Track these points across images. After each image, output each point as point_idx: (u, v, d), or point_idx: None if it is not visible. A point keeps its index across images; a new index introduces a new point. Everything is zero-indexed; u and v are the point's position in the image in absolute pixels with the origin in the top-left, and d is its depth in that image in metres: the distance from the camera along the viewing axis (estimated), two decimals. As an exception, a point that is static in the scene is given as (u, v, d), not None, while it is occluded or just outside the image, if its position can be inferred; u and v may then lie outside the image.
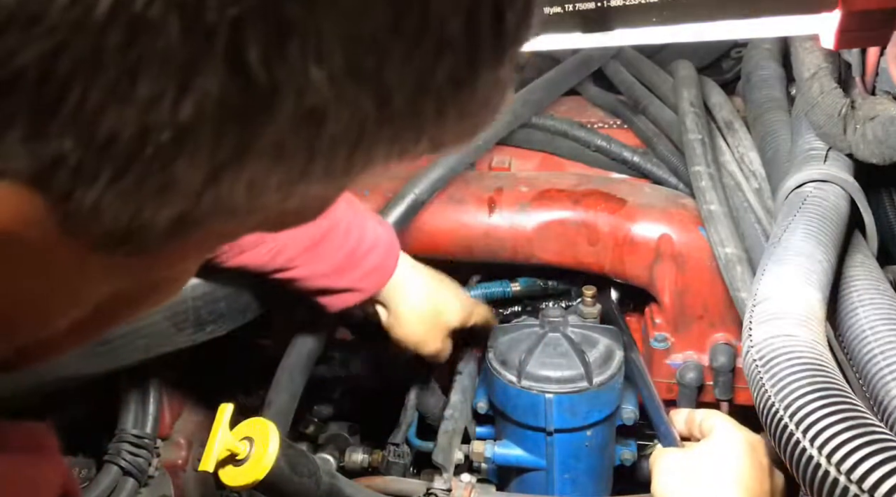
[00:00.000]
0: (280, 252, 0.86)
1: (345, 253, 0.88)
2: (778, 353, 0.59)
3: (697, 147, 1.04)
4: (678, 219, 1.02)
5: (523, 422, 0.94)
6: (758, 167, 1.03)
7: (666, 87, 1.22)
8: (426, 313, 0.96)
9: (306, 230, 0.85)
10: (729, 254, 0.92)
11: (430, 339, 0.97)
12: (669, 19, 0.66)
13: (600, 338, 0.97)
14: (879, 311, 0.70)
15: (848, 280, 0.75)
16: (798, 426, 0.53)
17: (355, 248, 0.89)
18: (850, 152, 0.85)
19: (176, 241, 0.25)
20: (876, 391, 0.64)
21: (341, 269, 0.89)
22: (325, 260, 0.88)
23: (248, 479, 0.71)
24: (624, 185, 1.12)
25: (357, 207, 0.92)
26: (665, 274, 1.02)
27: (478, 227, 1.07)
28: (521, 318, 1.06)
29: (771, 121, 1.03)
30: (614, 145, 1.19)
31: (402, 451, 1.03)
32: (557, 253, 1.07)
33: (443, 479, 0.93)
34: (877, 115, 0.81)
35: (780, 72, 1.13)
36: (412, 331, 0.96)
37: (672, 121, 1.15)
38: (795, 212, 0.78)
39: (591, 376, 0.92)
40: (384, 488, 0.94)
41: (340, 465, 1.05)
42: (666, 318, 1.05)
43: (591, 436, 0.95)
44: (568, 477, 0.96)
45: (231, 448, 0.71)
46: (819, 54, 0.92)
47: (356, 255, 0.89)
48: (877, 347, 0.66)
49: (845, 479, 0.49)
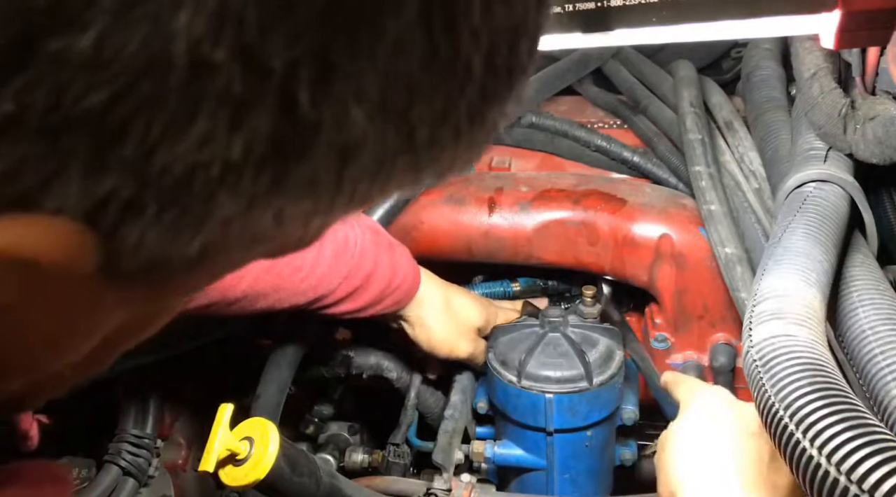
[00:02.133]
0: (321, 297, 0.89)
1: (377, 291, 0.92)
2: (778, 354, 0.59)
3: (697, 147, 1.04)
4: (678, 219, 1.02)
5: (523, 422, 0.94)
6: (758, 167, 1.03)
7: (666, 87, 1.22)
8: (449, 318, 0.99)
9: (350, 281, 0.90)
10: (729, 254, 0.92)
11: (461, 342, 1.00)
12: (669, 19, 0.66)
13: (600, 338, 0.96)
14: (879, 311, 0.70)
15: (848, 280, 0.75)
16: (798, 426, 0.53)
17: (386, 286, 0.93)
18: (850, 152, 0.85)
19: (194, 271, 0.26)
20: (876, 391, 0.64)
21: (374, 304, 0.93)
22: (359, 301, 0.92)
23: (249, 479, 0.71)
24: (624, 185, 1.12)
25: (382, 238, 0.95)
26: (665, 274, 1.02)
27: (478, 227, 1.07)
28: (522, 317, 1.06)
29: (771, 121, 1.03)
30: (614, 145, 1.19)
31: (402, 451, 1.03)
32: (557, 253, 1.07)
33: (443, 479, 0.93)
34: (877, 115, 0.81)
35: (780, 72, 1.13)
36: (442, 338, 0.99)
37: (672, 121, 1.15)
38: (795, 212, 0.78)
39: (592, 376, 0.91)
40: (384, 488, 0.94)
41: (340, 465, 1.05)
42: (666, 318, 1.05)
43: (591, 436, 0.95)
44: (568, 477, 0.96)
45: (231, 448, 0.71)
46: (819, 54, 0.92)
47: (386, 290, 0.93)
48: (877, 347, 0.66)
49: (845, 479, 0.49)
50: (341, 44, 0.21)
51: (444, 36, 0.23)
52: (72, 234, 0.21)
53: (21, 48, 0.18)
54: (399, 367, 1.07)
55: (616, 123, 1.29)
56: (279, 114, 0.21)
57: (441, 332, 0.99)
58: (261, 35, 0.20)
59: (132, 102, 0.19)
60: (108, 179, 0.20)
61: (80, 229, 0.21)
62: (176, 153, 0.20)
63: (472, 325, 1.01)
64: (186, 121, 0.20)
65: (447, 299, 1.00)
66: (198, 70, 0.19)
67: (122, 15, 0.18)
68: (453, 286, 1.03)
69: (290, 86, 0.21)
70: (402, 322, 0.99)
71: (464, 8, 0.23)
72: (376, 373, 1.07)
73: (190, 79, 0.19)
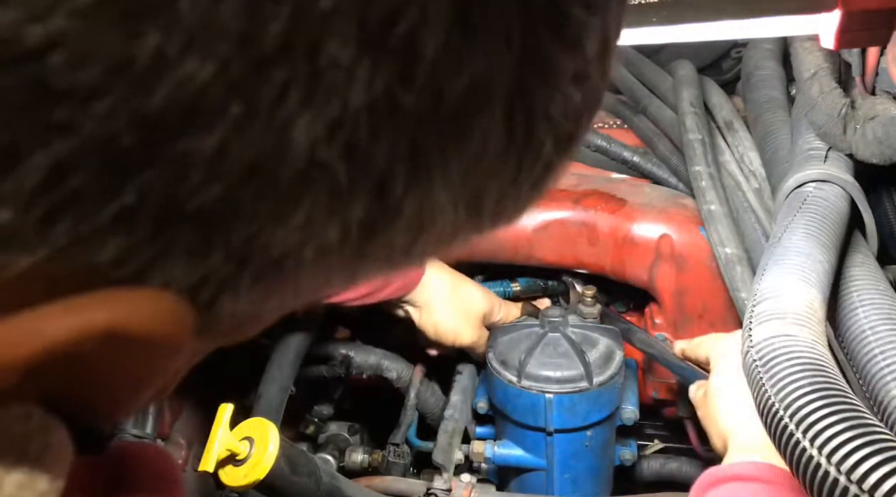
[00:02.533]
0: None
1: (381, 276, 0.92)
2: (778, 354, 0.59)
3: (697, 147, 1.04)
4: (678, 219, 1.02)
5: (523, 422, 0.94)
6: (758, 167, 1.03)
7: (666, 87, 1.22)
8: (455, 304, 1.00)
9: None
10: (729, 254, 0.92)
11: (466, 329, 1.01)
12: (669, 19, 0.66)
13: (600, 338, 0.96)
14: (879, 311, 0.70)
15: (848, 280, 0.75)
16: (798, 426, 0.53)
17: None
18: (850, 152, 0.85)
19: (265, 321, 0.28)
20: (876, 391, 0.64)
21: (379, 290, 0.94)
22: (363, 287, 0.92)
23: (249, 479, 0.71)
24: (624, 185, 1.12)
25: None
26: (665, 274, 1.02)
27: (478, 227, 1.07)
28: (522, 317, 1.06)
29: (771, 121, 1.03)
30: (614, 145, 1.19)
31: (402, 451, 1.03)
32: (557, 253, 1.07)
33: (443, 479, 0.93)
34: (877, 115, 0.81)
35: (780, 72, 1.13)
36: (447, 325, 1.00)
37: (672, 121, 1.15)
38: (795, 212, 0.78)
39: (592, 376, 0.91)
40: (384, 488, 0.94)
41: (340, 465, 1.05)
42: (666, 318, 1.05)
43: (591, 436, 0.95)
44: (568, 477, 0.96)
45: (231, 448, 0.71)
46: (819, 54, 0.92)
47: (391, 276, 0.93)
48: (877, 347, 0.66)
49: (845, 479, 0.49)
50: (435, 141, 0.22)
51: (523, 129, 0.24)
52: (172, 307, 0.22)
53: (151, 147, 0.19)
54: (399, 367, 1.07)
55: (616, 123, 1.29)
56: (374, 202, 0.22)
57: (447, 318, 1.00)
58: (371, 137, 0.21)
59: (243, 196, 0.20)
60: (212, 260, 0.22)
61: (181, 303, 0.22)
62: (276, 238, 0.22)
63: (478, 313, 1.02)
64: (290, 210, 0.21)
65: (454, 286, 1.01)
66: (309, 168, 0.21)
67: (248, 121, 0.19)
68: (459, 274, 1.04)
69: (387, 178, 0.22)
70: (410, 307, 1.00)
71: (545, 102, 0.24)
72: (376, 373, 1.07)
73: (301, 176, 0.21)
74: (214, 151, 0.19)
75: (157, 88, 0.18)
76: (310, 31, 0.19)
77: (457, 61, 0.21)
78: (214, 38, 0.18)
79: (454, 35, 0.21)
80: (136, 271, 0.21)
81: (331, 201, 0.22)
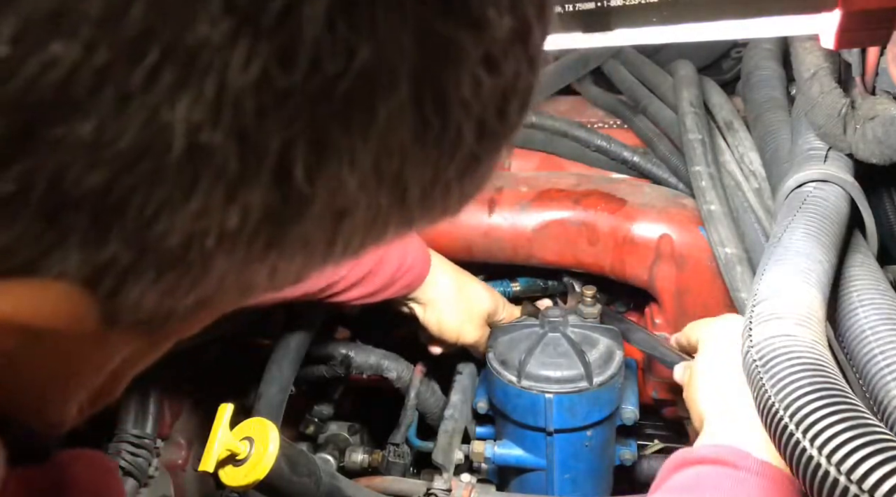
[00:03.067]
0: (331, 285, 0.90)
1: (388, 275, 0.93)
2: (778, 354, 0.59)
3: (697, 147, 1.04)
4: (678, 219, 1.02)
5: (523, 422, 0.94)
6: (758, 167, 1.03)
7: (666, 87, 1.22)
8: (460, 302, 1.00)
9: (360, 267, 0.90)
10: (729, 254, 0.92)
11: (469, 328, 1.01)
12: (669, 19, 0.66)
13: (600, 338, 0.97)
14: (879, 311, 0.70)
15: (848, 280, 0.75)
16: (798, 426, 0.53)
17: (396, 270, 0.93)
18: (850, 152, 0.85)
19: (190, 318, 0.27)
20: (876, 391, 0.64)
21: (384, 289, 0.93)
22: (369, 286, 0.92)
23: (249, 479, 0.71)
24: (624, 185, 1.12)
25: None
26: (665, 274, 1.02)
27: (478, 227, 1.07)
28: (522, 317, 1.06)
29: (771, 121, 1.03)
30: (614, 145, 1.19)
31: (402, 451, 1.03)
32: (557, 253, 1.07)
33: (443, 479, 0.93)
34: (877, 115, 0.81)
35: (780, 72, 1.13)
36: (451, 323, 1.00)
37: (672, 121, 1.15)
38: (795, 211, 0.78)
39: (591, 376, 0.91)
40: (384, 488, 0.94)
41: (340, 465, 1.05)
42: (666, 318, 1.05)
43: (591, 436, 0.95)
44: (568, 477, 0.96)
45: (231, 448, 0.71)
46: (819, 54, 0.91)
47: (396, 274, 0.93)
48: (877, 347, 0.66)
49: (845, 479, 0.49)
50: (334, 125, 0.22)
51: (434, 111, 0.24)
52: (71, 297, 0.22)
53: (24, 135, 0.19)
54: (399, 367, 1.07)
55: (616, 123, 1.29)
56: (273, 188, 0.22)
57: (452, 315, 1.00)
58: (258, 119, 0.20)
59: (130, 182, 0.20)
60: (107, 249, 0.21)
61: (80, 293, 0.22)
62: (173, 225, 0.21)
63: (483, 312, 1.02)
64: (184, 196, 0.21)
65: (460, 284, 1.01)
66: (195, 151, 0.20)
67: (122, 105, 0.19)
68: (465, 272, 1.04)
69: (285, 163, 0.22)
70: (414, 305, 1.00)
71: (454, 85, 0.24)
72: (376, 373, 1.07)
73: (187, 159, 0.20)
74: (93, 137, 0.19)
75: (18, 73, 0.18)
76: (175, 10, 0.19)
77: (343, 39, 0.20)
78: (77, 22, 0.18)
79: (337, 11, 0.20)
80: (26, 261, 0.21)
81: (227, 187, 0.21)
